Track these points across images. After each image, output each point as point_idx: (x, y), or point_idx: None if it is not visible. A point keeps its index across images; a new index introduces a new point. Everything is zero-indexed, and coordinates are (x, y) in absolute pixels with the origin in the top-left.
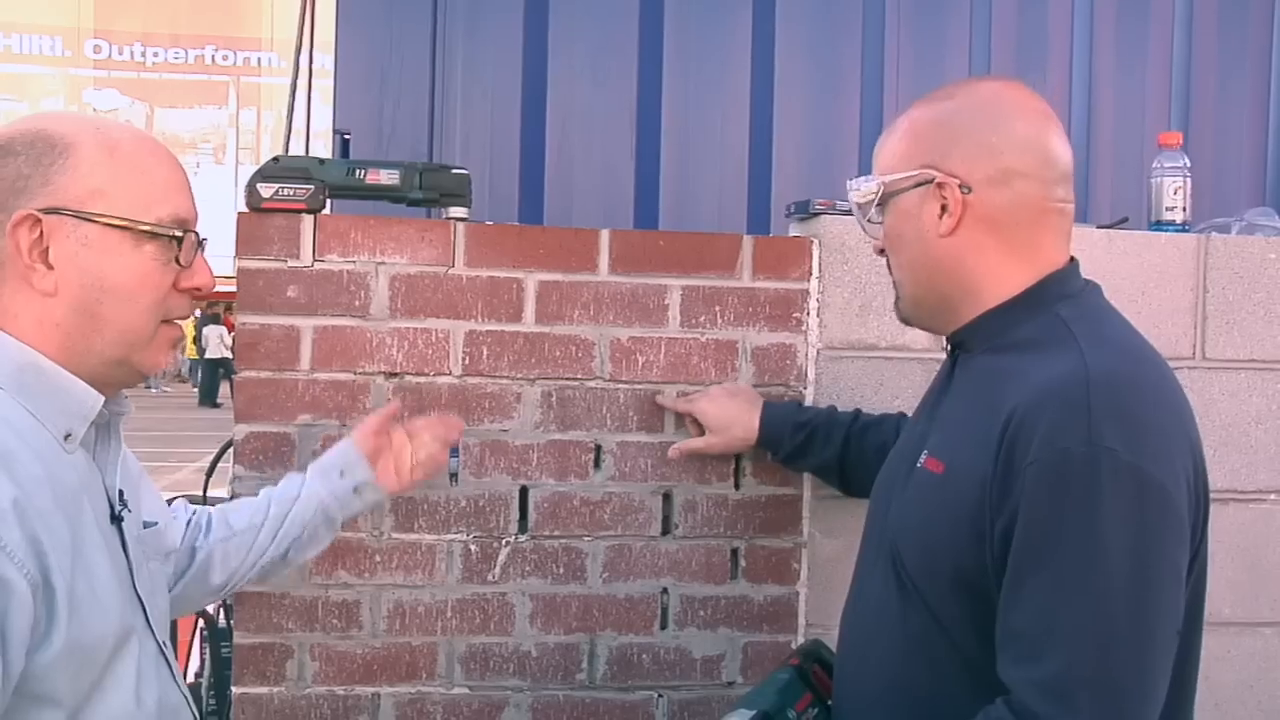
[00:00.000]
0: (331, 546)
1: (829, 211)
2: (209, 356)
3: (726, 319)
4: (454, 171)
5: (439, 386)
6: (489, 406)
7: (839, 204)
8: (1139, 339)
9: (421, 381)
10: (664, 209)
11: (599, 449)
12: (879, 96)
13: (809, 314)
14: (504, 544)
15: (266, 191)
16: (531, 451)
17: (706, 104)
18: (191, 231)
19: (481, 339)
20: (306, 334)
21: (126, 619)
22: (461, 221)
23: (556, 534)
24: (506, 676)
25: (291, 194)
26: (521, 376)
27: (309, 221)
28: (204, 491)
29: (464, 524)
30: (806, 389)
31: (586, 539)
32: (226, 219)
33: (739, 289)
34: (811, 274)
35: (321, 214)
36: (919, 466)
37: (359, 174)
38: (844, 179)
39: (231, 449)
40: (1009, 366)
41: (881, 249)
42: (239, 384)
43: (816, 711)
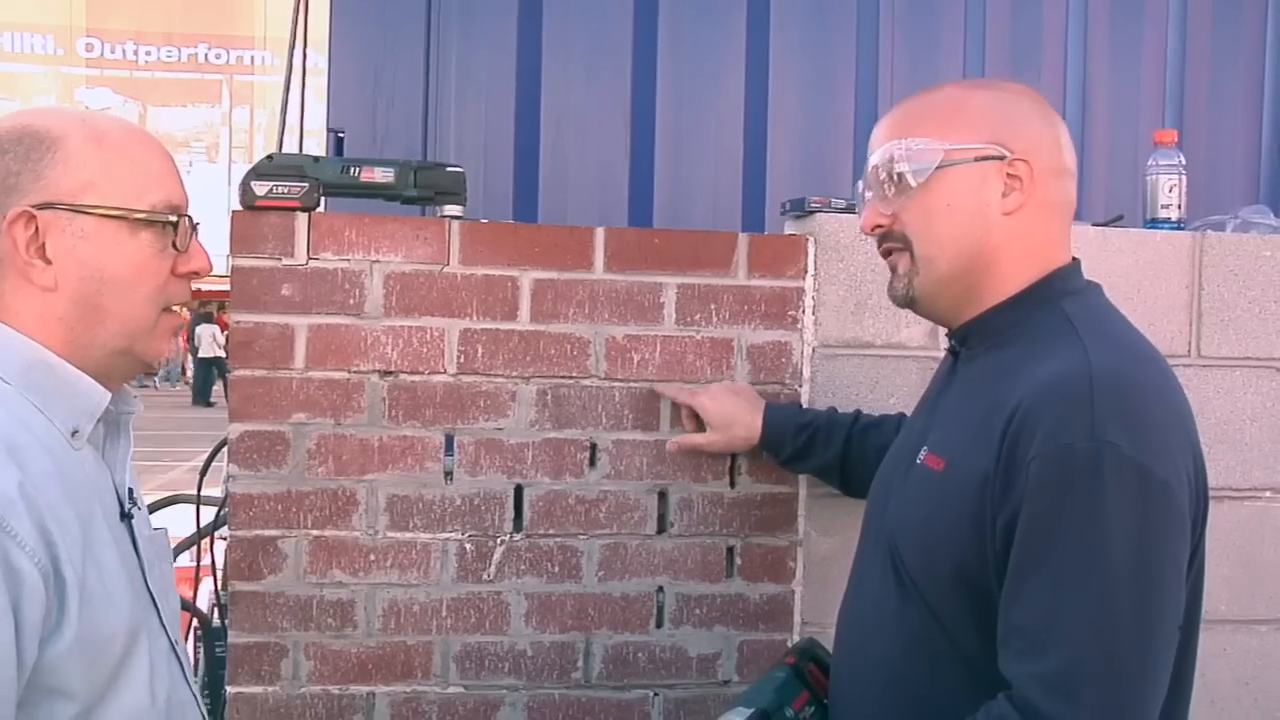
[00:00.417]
0: (326, 545)
1: (824, 209)
2: (202, 355)
3: (722, 317)
4: (448, 169)
5: (434, 385)
6: (484, 405)
7: (834, 202)
8: (1140, 337)
9: (416, 380)
10: (658, 207)
11: (594, 447)
12: (873, 95)
13: (804, 312)
14: (499, 543)
15: (260, 189)
16: (526, 450)
17: (701, 102)
18: (185, 216)
19: (476, 337)
20: (301, 332)
21: (138, 616)
22: (456, 219)
23: (552, 532)
24: (502, 675)
25: (286, 192)
26: (516, 375)
27: (303, 219)
28: (198, 491)
29: (459, 523)
30: (802, 387)
31: (582, 537)
32: (220, 217)
33: (734, 287)
34: (807, 272)
35: (316, 212)
36: (918, 463)
37: (353, 172)
38: (838, 177)
39: (226, 448)
40: (1011, 362)
41: (880, 225)
42: (233, 383)
43: (813, 710)
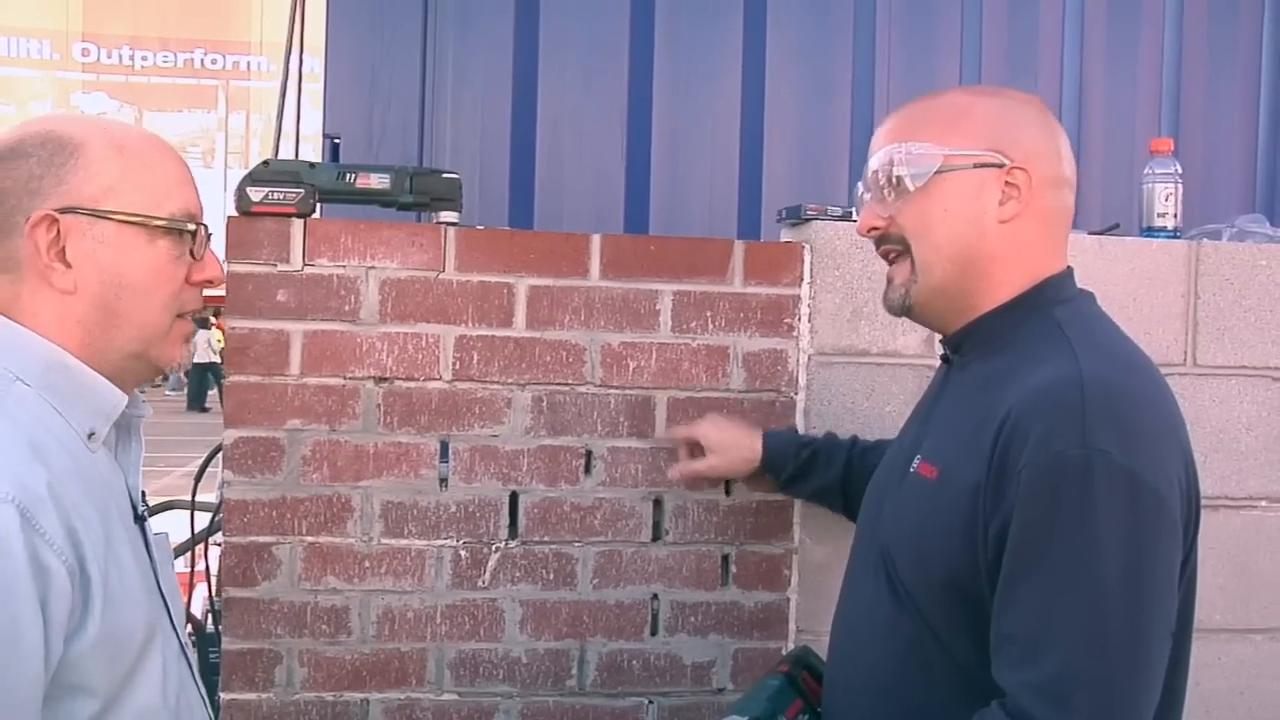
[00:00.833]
0: (321, 552)
1: (821, 217)
2: (197, 361)
3: (718, 324)
4: (444, 176)
5: (429, 391)
6: (479, 411)
7: (831, 209)
8: (1132, 346)
9: (411, 386)
10: (654, 213)
11: (589, 454)
12: (870, 101)
13: (800, 319)
14: (494, 549)
15: (256, 195)
16: (522, 457)
17: (697, 108)
18: (202, 224)
19: (472, 344)
20: (296, 338)
21: (152, 616)
22: (452, 226)
23: (547, 540)
24: (496, 683)
25: (281, 198)
26: (512, 381)
27: (299, 225)
28: (193, 497)
29: (454, 529)
30: (798, 395)
31: (577, 545)
32: (215, 223)
33: (730, 294)
34: (803, 279)
35: (311, 218)
36: (912, 472)
37: (349, 178)
38: (835, 184)
39: (220, 454)
40: (1003, 370)
41: (876, 227)
42: (228, 389)
43: (807, 718)
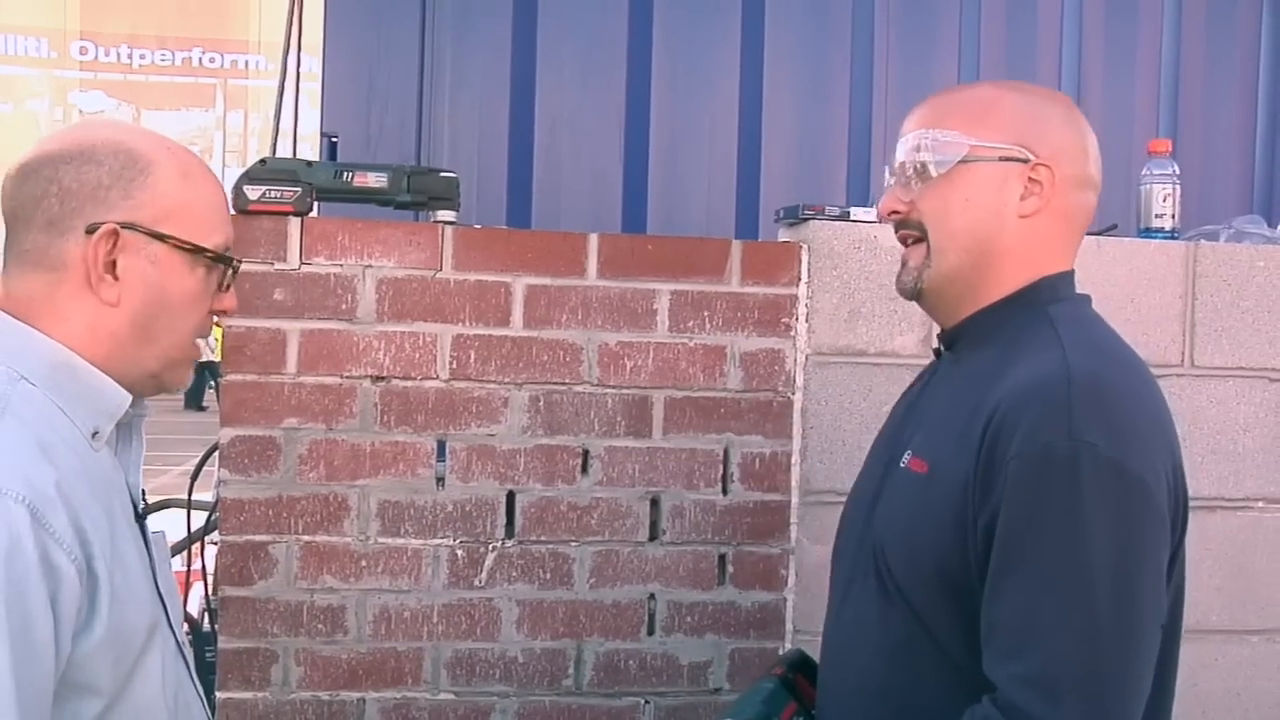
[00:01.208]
0: (317, 551)
1: (818, 216)
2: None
3: (715, 324)
4: (442, 175)
5: (426, 390)
6: (476, 410)
7: (828, 209)
8: (1124, 346)
9: (408, 385)
10: (652, 213)
11: (586, 454)
12: (868, 102)
13: (798, 319)
14: (491, 549)
15: (253, 193)
16: (519, 456)
17: (695, 108)
18: (239, 260)
19: (469, 343)
20: (293, 337)
21: (153, 614)
22: (449, 225)
23: (543, 539)
24: (492, 682)
25: (279, 196)
26: (509, 381)
27: (296, 224)
28: (189, 496)
29: (450, 529)
30: (795, 395)
31: (573, 544)
32: None
33: (727, 294)
34: (800, 279)
35: (308, 216)
36: (902, 466)
37: (346, 176)
38: (832, 184)
39: (217, 453)
40: (993, 364)
41: (897, 211)
42: (225, 387)
43: None
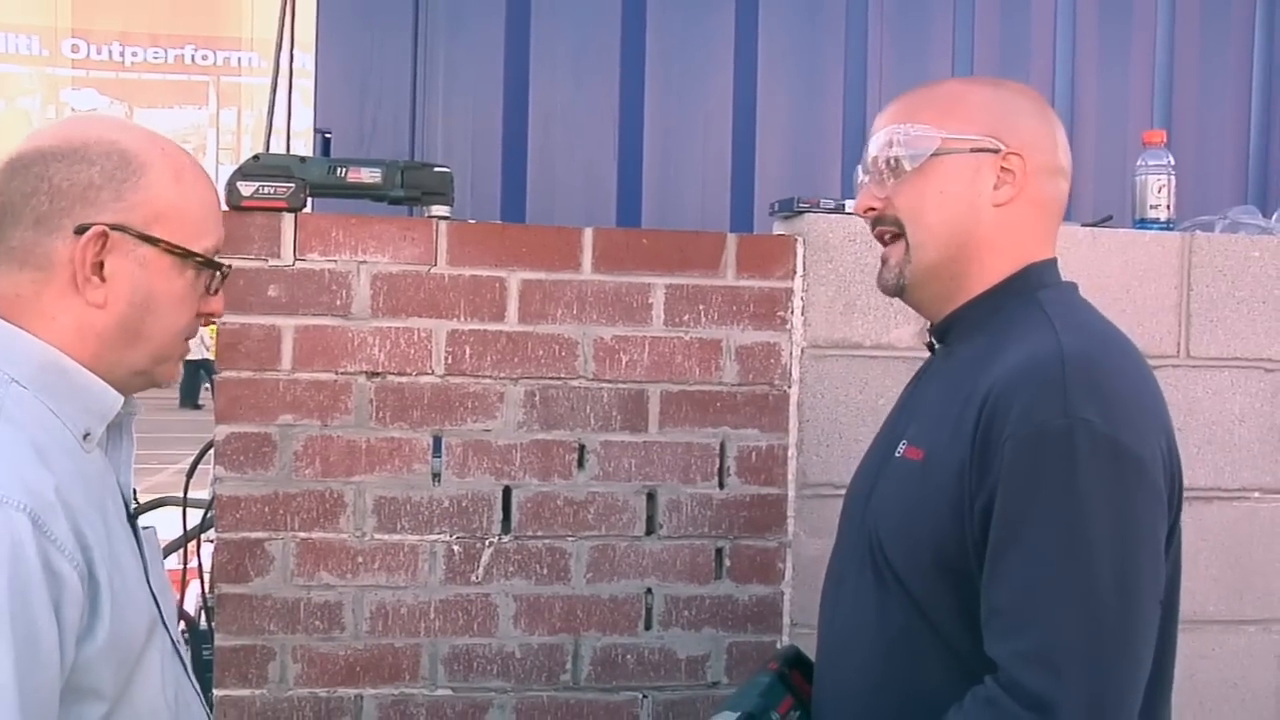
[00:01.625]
0: (313, 547)
1: (813, 209)
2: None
3: (710, 318)
4: (436, 170)
5: (421, 386)
6: (472, 406)
7: (823, 202)
8: (1114, 328)
9: (403, 381)
10: (647, 208)
11: (582, 449)
12: (862, 96)
13: (793, 312)
14: (487, 544)
15: (247, 190)
16: (514, 451)
17: (689, 102)
18: (228, 265)
19: (464, 338)
20: (288, 333)
21: (150, 614)
22: (443, 220)
23: (540, 534)
24: (490, 678)
25: (272, 192)
26: (504, 376)
27: (290, 220)
28: (184, 493)
29: (447, 524)
30: (790, 388)
31: (570, 539)
32: None
33: (723, 287)
34: (796, 272)
35: (302, 213)
36: (898, 456)
37: (340, 172)
38: (827, 178)
39: (212, 450)
40: (986, 351)
41: (873, 208)
42: (220, 384)
43: (799, 715)
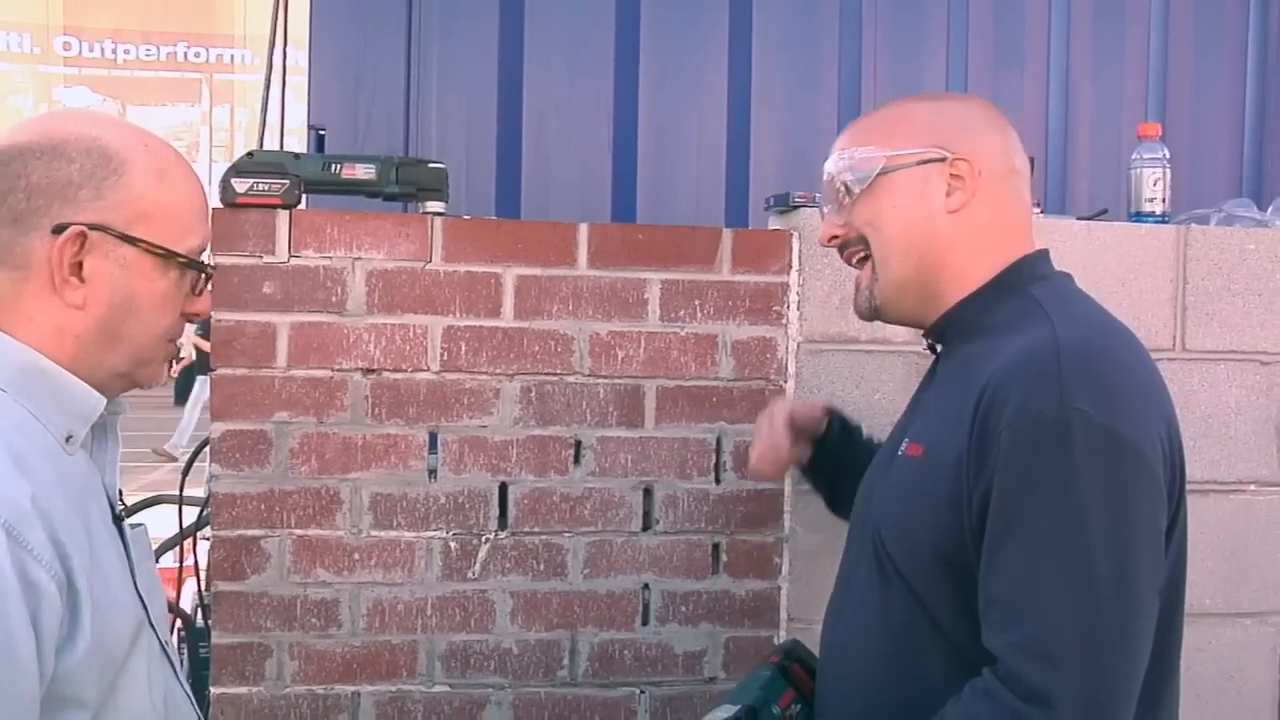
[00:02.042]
0: (310, 545)
1: (809, 204)
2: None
3: (706, 312)
4: (431, 166)
5: (417, 383)
6: (468, 402)
7: (818, 196)
8: (1110, 317)
9: (399, 378)
10: (641, 203)
11: (579, 444)
12: (856, 91)
13: (789, 307)
14: (484, 541)
15: (241, 186)
16: (511, 447)
17: (684, 98)
18: (212, 266)
19: (460, 334)
20: (283, 330)
21: (135, 617)
22: (438, 216)
23: (537, 530)
24: (487, 674)
25: (266, 189)
26: (500, 372)
27: (284, 217)
28: (180, 491)
29: (443, 521)
30: (787, 382)
31: (567, 535)
32: None
33: (718, 282)
34: (791, 267)
35: (297, 209)
36: (900, 454)
37: (334, 169)
38: (822, 173)
39: (208, 448)
40: (984, 348)
41: (836, 235)
42: (215, 382)
43: (799, 708)
